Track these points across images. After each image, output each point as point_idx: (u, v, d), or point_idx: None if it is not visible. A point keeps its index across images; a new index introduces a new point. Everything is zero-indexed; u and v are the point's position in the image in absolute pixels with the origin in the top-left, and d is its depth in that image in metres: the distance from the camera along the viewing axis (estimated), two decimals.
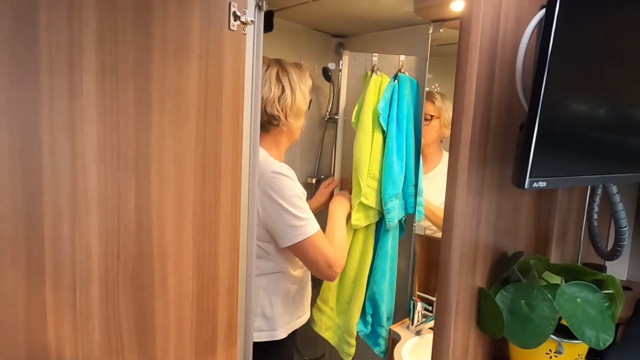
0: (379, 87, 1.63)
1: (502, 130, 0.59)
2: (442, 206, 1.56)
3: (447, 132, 1.53)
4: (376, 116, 1.51)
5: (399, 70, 1.60)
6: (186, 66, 0.80)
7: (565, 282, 0.68)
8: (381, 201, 1.52)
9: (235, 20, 0.87)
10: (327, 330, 1.68)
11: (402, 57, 1.58)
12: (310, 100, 1.40)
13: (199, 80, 0.82)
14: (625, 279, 1.02)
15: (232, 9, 0.86)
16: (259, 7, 0.95)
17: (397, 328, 1.54)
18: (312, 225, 1.18)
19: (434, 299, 1.54)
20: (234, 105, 0.90)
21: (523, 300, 0.59)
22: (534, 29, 0.54)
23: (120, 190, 0.73)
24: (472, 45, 0.49)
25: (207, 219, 0.87)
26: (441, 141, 1.70)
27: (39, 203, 0.64)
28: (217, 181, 0.89)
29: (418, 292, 1.58)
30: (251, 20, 0.89)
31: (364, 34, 1.84)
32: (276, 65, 1.32)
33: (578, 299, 0.57)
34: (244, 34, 0.90)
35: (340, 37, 1.89)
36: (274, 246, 1.24)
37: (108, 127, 0.70)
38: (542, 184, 0.49)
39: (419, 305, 1.50)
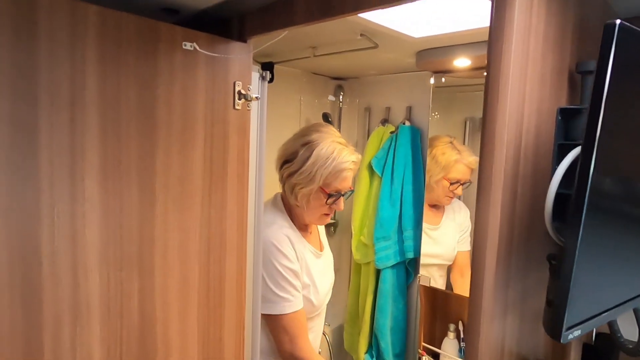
0: (380, 138, 1.64)
1: (524, 243, 0.58)
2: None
3: None
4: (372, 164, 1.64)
5: (403, 121, 1.61)
6: (191, 152, 0.77)
7: None
8: None
9: (240, 99, 0.85)
10: (349, 349, 1.84)
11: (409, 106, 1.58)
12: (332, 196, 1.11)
13: (204, 163, 0.80)
14: None
15: (237, 88, 0.84)
16: (262, 77, 0.94)
17: None
18: (283, 305, 1.06)
19: (440, 351, 1.51)
20: (239, 183, 0.87)
21: None
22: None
23: (123, 289, 0.70)
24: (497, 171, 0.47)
25: (212, 302, 0.84)
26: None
27: (39, 317, 0.61)
28: (222, 262, 0.86)
29: (423, 344, 1.54)
30: (256, 97, 0.87)
31: (363, 77, 1.84)
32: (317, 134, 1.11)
33: None
34: (248, 109, 0.88)
35: (339, 80, 1.88)
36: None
37: (111, 228, 0.67)
38: (577, 333, 0.46)
39: (426, 359, 1.46)
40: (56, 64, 0.60)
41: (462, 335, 1.48)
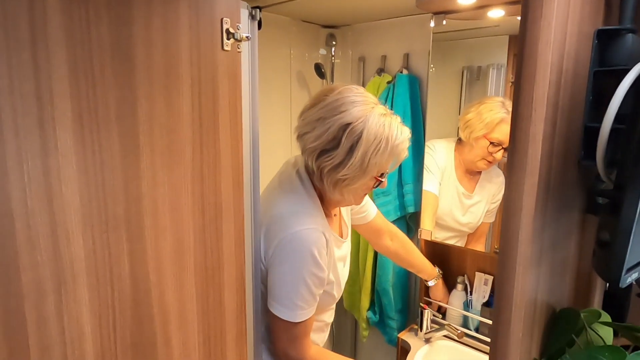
0: (376, 89, 1.56)
1: (559, 191, 0.52)
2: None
3: None
4: None
5: (400, 70, 1.52)
6: (176, 99, 0.69)
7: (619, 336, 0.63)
8: None
9: (228, 39, 0.76)
10: (350, 308, 1.84)
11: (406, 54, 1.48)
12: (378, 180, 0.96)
13: (192, 113, 0.72)
14: None
15: (225, 26, 0.75)
16: (252, 16, 0.84)
17: (405, 336, 1.50)
18: (295, 313, 0.94)
19: (442, 304, 1.50)
20: (232, 135, 0.79)
21: None
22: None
23: (111, 253, 0.63)
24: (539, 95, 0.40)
25: (210, 266, 0.79)
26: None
27: (17, 285, 0.54)
28: (219, 222, 0.79)
29: (425, 298, 1.53)
30: (246, 37, 0.78)
31: (356, 24, 1.72)
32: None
33: None
34: (238, 51, 0.79)
35: (331, 28, 1.76)
36: None
37: (92, 185, 0.60)
38: (635, 276, 0.41)
39: (427, 313, 1.45)
40: None
41: (469, 288, 1.47)
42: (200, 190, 0.75)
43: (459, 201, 1.47)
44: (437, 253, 1.52)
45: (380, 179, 0.95)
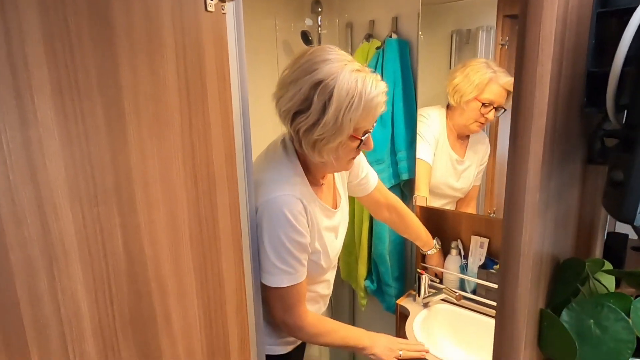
0: (365, 55, 1.52)
1: (564, 139, 0.50)
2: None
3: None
4: None
5: (389, 34, 1.48)
6: (160, 66, 0.66)
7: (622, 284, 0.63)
8: None
9: None
10: (347, 278, 1.85)
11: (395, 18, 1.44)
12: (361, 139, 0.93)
13: (178, 80, 0.69)
14: None
15: None
16: None
17: (403, 302, 1.52)
18: (282, 278, 0.94)
19: (439, 269, 1.51)
20: (221, 102, 0.76)
21: (592, 321, 0.52)
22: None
23: (103, 227, 0.61)
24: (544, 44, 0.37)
25: (206, 238, 0.77)
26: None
27: (6, 264, 0.52)
28: (213, 194, 0.77)
29: (422, 264, 1.54)
30: None
31: None
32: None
33: None
34: (223, 13, 0.75)
35: None
36: None
37: (77, 157, 0.57)
38: None
39: (425, 278, 1.46)
40: None
41: (462, 253, 1.47)
42: (191, 161, 0.73)
43: (453, 168, 1.47)
44: (432, 219, 1.53)
45: (360, 137, 0.92)
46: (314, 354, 2.04)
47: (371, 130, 0.95)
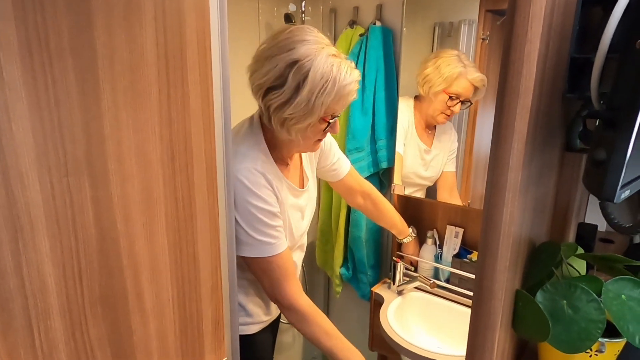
0: (349, 42, 1.51)
1: (546, 121, 0.51)
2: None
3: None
4: None
5: (373, 21, 1.47)
6: (138, 32, 0.63)
7: (594, 269, 0.65)
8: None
9: None
10: (323, 266, 1.85)
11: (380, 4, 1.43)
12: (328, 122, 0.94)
13: (157, 48, 0.66)
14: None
15: None
16: None
17: (378, 289, 1.53)
18: (261, 248, 0.95)
19: (413, 257, 1.52)
20: (201, 75, 0.74)
21: (565, 301, 0.54)
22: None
23: (73, 199, 0.58)
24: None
25: (182, 216, 0.75)
26: None
27: None
28: (190, 170, 0.75)
29: (397, 252, 1.55)
30: None
31: None
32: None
33: (623, 296, 0.53)
34: None
35: None
36: None
37: (46, 123, 0.54)
38: (627, 193, 0.41)
39: (400, 266, 1.47)
40: None
41: (438, 242, 1.49)
42: (168, 135, 0.70)
43: (421, 157, 1.50)
44: (409, 207, 1.54)
45: (328, 120, 0.93)
46: (286, 340, 2.04)
47: (339, 115, 0.96)
